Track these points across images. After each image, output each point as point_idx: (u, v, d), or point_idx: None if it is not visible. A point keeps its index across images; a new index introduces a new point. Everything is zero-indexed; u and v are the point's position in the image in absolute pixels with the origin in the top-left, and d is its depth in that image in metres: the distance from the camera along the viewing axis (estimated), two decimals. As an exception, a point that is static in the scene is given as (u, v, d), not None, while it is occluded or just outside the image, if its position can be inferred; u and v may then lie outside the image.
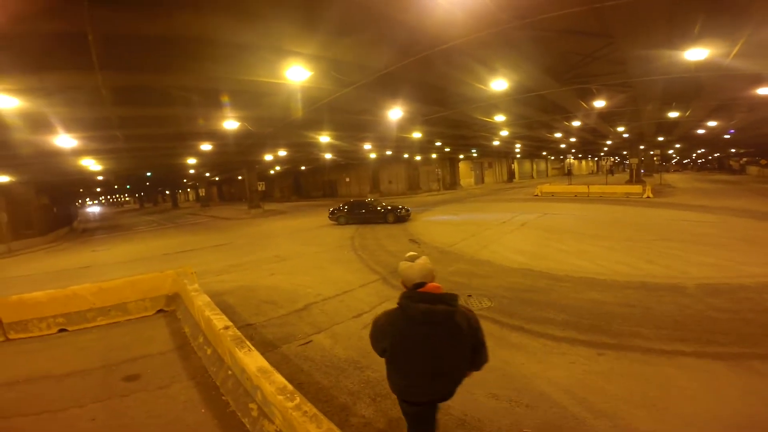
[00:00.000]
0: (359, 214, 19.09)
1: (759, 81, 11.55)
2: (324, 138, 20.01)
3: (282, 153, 25.97)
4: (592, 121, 21.13)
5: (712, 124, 22.85)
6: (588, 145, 41.85)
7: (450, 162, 42.09)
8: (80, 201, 62.19)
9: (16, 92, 7.49)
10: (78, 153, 15.53)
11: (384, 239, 13.82)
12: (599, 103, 14.60)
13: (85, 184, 37.12)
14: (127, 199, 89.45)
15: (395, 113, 13.76)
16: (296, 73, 8.33)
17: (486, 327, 5.49)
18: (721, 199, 19.85)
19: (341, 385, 4.41)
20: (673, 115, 18.51)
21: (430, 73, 10.14)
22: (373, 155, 33.89)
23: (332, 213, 19.80)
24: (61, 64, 6.72)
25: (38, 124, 10.03)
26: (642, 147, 34.65)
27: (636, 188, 23.81)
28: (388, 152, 31.84)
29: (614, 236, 11.65)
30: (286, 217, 25.54)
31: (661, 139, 33.09)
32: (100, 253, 17.22)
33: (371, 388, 4.31)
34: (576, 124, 21.60)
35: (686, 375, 4.20)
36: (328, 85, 9.96)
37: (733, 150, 49.14)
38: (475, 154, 42.39)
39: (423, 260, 2.62)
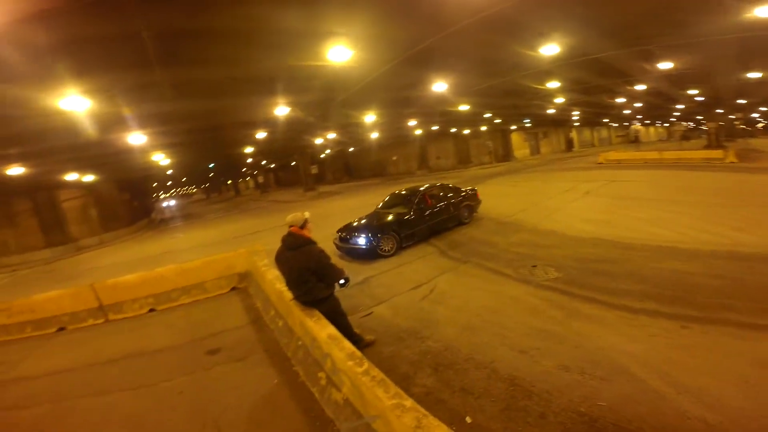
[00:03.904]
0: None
1: None
2: (369, 117, 19.90)
3: (331, 136, 26.32)
4: (659, 84, 19.00)
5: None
6: (656, 110, 37.71)
7: (502, 133, 40.18)
8: (155, 194, 67.56)
9: (88, 93, 8.08)
10: (149, 149, 16.83)
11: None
12: (665, 65, 13.05)
13: (158, 179, 40.47)
14: (194, 190, 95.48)
15: (440, 86, 13.28)
16: (339, 54, 8.25)
17: (554, 299, 5.42)
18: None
19: (402, 355, 4.45)
20: (755, 75, 16.02)
21: (474, 42, 9.56)
22: (419, 132, 33.27)
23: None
24: (124, 63, 7.12)
25: (112, 123, 10.92)
26: (720, 111, 30.91)
27: (716, 153, 21.34)
28: (435, 127, 31.03)
29: (694, 202, 10.51)
30: (341, 198, 26.06)
31: (742, 101, 29.24)
32: (178, 239, 18.71)
33: (432, 358, 4.30)
34: (640, 88, 19.54)
35: (788, 351, 3.63)
36: (370, 63, 9.78)
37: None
38: (528, 124, 40.08)
39: (293, 214, 4.45)
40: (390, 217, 9.45)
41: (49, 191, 20.98)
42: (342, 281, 4.44)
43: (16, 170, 14.51)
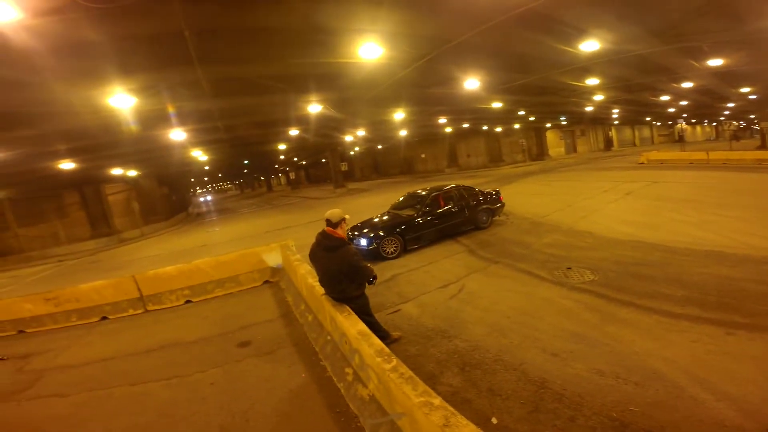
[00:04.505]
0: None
1: None
2: (398, 114, 19.87)
3: (360, 133, 26.50)
4: (707, 81, 17.93)
5: None
6: (704, 109, 35.61)
7: (536, 132, 39.14)
8: (192, 189, 70.04)
9: (134, 91, 8.51)
10: (188, 145, 17.57)
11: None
12: (714, 62, 12.28)
13: (195, 174, 42.18)
14: (229, 185, 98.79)
15: (471, 83, 13.07)
16: (370, 51, 8.30)
17: (590, 301, 5.28)
18: None
19: (428, 353, 4.42)
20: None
21: (509, 39, 9.32)
22: (448, 129, 32.89)
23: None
24: (167, 61, 7.46)
25: (155, 120, 11.46)
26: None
27: (771, 154, 19.84)
28: (465, 125, 30.61)
29: (745, 205, 9.83)
30: (369, 194, 26.19)
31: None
32: (213, 233, 19.40)
33: (459, 357, 4.25)
34: (686, 85, 18.49)
35: None
36: (401, 60, 9.76)
37: None
38: (564, 122, 38.79)
39: (331, 211, 4.36)
40: (396, 219, 9.23)
41: (96, 185, 22.29)
42: (370, 279, 4.48)
43: (67, 165, 15.50)
